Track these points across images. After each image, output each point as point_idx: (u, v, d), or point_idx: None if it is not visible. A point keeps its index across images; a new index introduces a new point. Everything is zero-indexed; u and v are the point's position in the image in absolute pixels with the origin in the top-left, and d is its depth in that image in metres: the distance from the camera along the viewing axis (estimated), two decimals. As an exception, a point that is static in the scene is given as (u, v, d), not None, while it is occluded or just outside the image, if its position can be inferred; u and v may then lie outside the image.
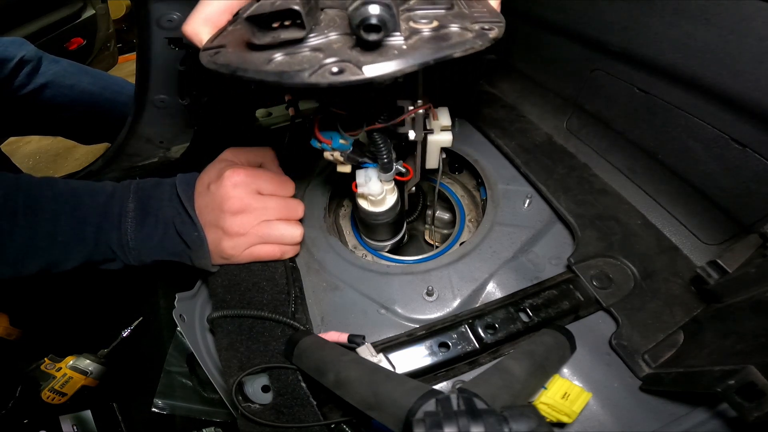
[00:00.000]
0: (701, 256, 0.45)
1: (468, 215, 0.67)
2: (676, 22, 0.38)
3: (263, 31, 0.27)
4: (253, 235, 0.47)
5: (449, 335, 0.42)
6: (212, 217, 0.47)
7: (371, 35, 0.25)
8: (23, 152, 2.26)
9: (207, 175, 0.49)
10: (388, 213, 0.50)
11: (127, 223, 0.47)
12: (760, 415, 0.27)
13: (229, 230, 0.46)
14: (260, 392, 0.41)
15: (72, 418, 0.88)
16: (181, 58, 0.80)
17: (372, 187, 0.46)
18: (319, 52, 0.27)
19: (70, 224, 0.46)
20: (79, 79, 1.12)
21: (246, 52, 0.28)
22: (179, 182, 0.49)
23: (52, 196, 0.46)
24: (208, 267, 0.49)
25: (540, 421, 0.22)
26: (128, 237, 0.47)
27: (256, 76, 0.26)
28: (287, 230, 0.49)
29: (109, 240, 0.47)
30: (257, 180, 0.48)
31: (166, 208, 0.48)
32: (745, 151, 0.38)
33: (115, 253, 0.48)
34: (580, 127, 0.58)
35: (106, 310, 1.11)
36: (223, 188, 0.46)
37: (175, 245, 0.48)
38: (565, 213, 0.51)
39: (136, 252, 0.48)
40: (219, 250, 0.47)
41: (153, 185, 0.50)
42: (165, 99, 0.98)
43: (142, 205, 0.48)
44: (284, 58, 0.27)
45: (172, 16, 0.72)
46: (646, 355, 0.39)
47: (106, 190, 0.48)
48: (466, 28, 0.28)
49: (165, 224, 0.48)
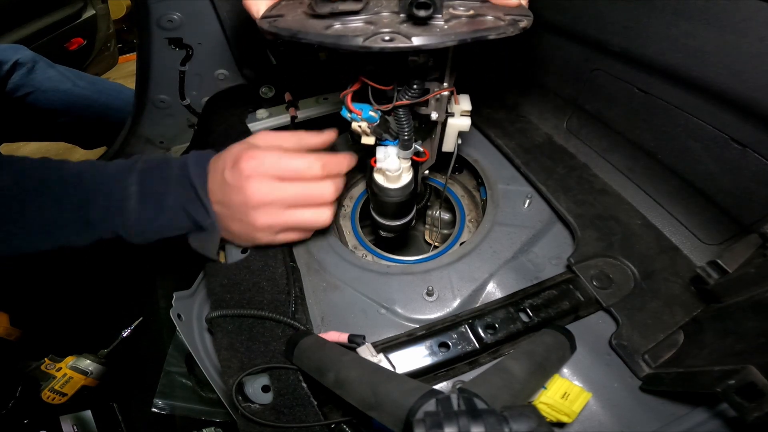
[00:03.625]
0: (701, 256, 0.45)
1: (468, 215, 0.67)
2: (676, 22, 0.38)
3: (324, 2, 0.31)
4: (278, 226, 0.46)
5: (449, 335, 0.42)
6: (232, 211, 0.46)
7: (421, 11, 0.29)
8: (23, 153, 2.26)
9: (222, 160, 0.46)
10: (402, 190, 0.51)
11: (129, 206, 0.46)
12: (760, 415, 0.27)
13: (254, 223, 0.45)
14: (260, 392, 0.41)
15: (72, 418, 0.88)
16: (182, 58, 0.80)
17: (391, 162, 0.47)
18: (370, 24, 0.31)
19: (76, 207, 0.45)
20: (75, 83, 1.12)
21: (306, 20, 0.32)
22: (192, 164, 0.47)
23: (58, 178, 0.46)
24: (213, 255, 0.49)
25: (540, 421, 0.22)
26: (131, 220, 0.46)
27: (315, 38, 0.30)
28: (312, 216, 0.47)
29: (112, 221, 0.46)
30: (276, 165, 0.45)
31: (174, 191, 0.46)
32: (745, 151, 0.38)
33: (120, 235, 0.47)
34: (580, 127, 0.58)
35: (106, 310, 1.11)
36: (239, 179, 0.44)
37: (182, 228, 0.48)
38: (565, 213, 0.51)
39: (140, 234, 0.47)
40: (243, 239, 0.49)
41: (158, 164, 0.48)
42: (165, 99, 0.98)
43: (145, 187, 0.46)
44: (340, 26, 0.31)
45: (172, 16, 0.72)
46: (646, 355, 0.39)
47: (109, 171, 0.47)
48: (499, 18, 0.32)
49: (172, 208, 0.46)
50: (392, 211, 0.56)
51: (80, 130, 1.18)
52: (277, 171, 0.45)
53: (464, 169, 0.71)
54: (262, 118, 0.70)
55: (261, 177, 0.44)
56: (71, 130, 1.17)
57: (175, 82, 0.87)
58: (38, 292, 1.08)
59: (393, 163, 0.48)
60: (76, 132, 1.19)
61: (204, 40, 0.76)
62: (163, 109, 1.00)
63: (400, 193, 0.52)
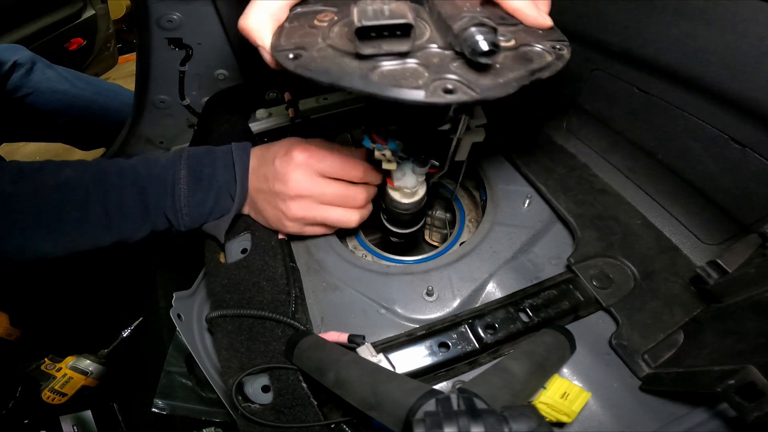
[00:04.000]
0: (701, 256, 0.45)
1: (468, 215, 0.67)
2: (676, 22, 0.38)
3: (367, 41, 0.26)
4: (309, 218, 0.49)
5: (449, 335, 0.42)
6: (270, 197, 0.48)
7: (485, 59, 0.25)
8: (23, 154, 2.26)
9: (273, 150, 0.48)
10: (417, 204, 0.52)
11: (181, 189, 0.48)
12: (760, 415, 0.27)
13: (287, 213, 0.48)
14: (260, 392, 0.41)
15: (72, 418, 0.88)
16: (182, 58, 0.80)
17: (408, 180, 0.49)
18: (419, 66, 0.26)
19: (134, 196, 0.47)
20: (73, 84, 1.12)
21: (340, 58, 0.27)
22: (236, 149, 0.50)
23: (116, 171, 0.48)
24: (221, 238, 0.51)
25: (540, 421, 0.22)
26: (182, 203, 0.48)
27: (365, 88, 0.25)
28: (343, 216, 0.50)
29: (165, 207, 0.48)
30: (322, 162, 0.47)
31: (220, 175, 0.49)
32: (745, 151, 0.38)
33: (169, 221, 0.50)
34: (580, 127, 0.58)
35: (106, 310, 1.11)
36: (287, 166, 0.46)
37: (227, 209, 0.50)
38: (565, 213, 0.51)
39: (189, 218, 0.49)
40: (273, 225, 0.51)
41: (204, 153, 0.51)
42: (165, 99, 0.98)
43: (194, 171, 0.49)
44: (389, 68, 0.26)
45: (172, 16, 0.72)
46: (646, 355, 0.39)
47: (160, 160, 0.50)
48: (544, 48, 0.29)
49: (218, 189, 0.49)
50: (405, 221, 0.57)
51: (78, 131, 1.18)
52: (322, 168, 0.47)
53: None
54: (262, 118, 0.70)
55: (306, 169, 0.46)
56: (69, 130, 1.17)
57: (175, 82, 0.86)
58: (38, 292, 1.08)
59: (410, 180, 0.49)
60: (74, 133, 1.19)
61: (204, 40, 0.76)
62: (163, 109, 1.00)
63: (416, 207, 0.53)
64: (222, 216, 0.51)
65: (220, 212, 0.51)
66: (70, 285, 1.09)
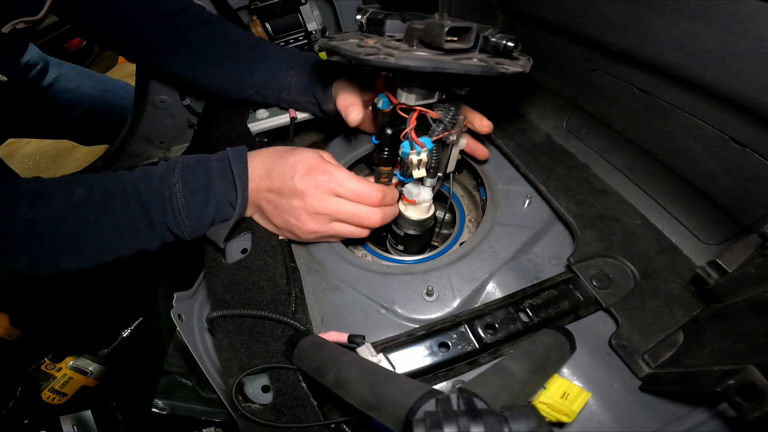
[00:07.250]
0: (701, 256, 0.45)
1: (468, 215, 0.67)
2: (676, 22, 0.38)
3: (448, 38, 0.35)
4: (323, 232, 0.50)
5: (449, 335, 0.42)
6: (284, 211, 0.49)
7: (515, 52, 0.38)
8: (23, 153, 2.26)
9: (291, 165, 0.49)
10: (432, 218, 0.56)
11: (179, 203, 0.48)
12: (760, 415, 0.27)
13: (303, 227, 0.49)
14: (260, 392, 0.41)
15: (72, 418, 0.88)
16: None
17: (423, 194, 0.53)
18: (475, 57, 0.37)
19: (139, 214, 0.48)
20: (82, 82, 1.13)
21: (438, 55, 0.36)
22: (232, 156, 0.50)
23: (120, 188, 0.48)
24: (221, 243, 0.51)
25: (540, 421, 0.22)
26: (182, 216, 0.49)
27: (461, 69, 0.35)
28: (353, 231, 0.52)
29: (167, 221, 0.49)
30: (342, 184, 0.48)
31: (217, 185, 0.49)
32: (744, 151, 0.38)
33: (173, 234, 0.50)
34: (580, 127, 0.58)
35: (106, 310, 1.11)
36: (308, 186, 0.47)
37: (227, 217, 0.51)
38: (565, 213, 0.51)
39: (192, 229, 0.50)
40: (283, 234, 0.53)
41: (197, 161, 0.51)
42: (165, 99, 0.98)
43: (188, 183, 0.49)
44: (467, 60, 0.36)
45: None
46: (646, 355, 0.39)
47: (156, 173, 0.50)
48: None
49: (217, 201, 0.50)
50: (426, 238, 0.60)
51: (86, 128, 1.18)
52: (340, 189, 0.48)
53: (464, 169, 0.71)
54: (262, 118, 0.70)
55: (325, 191, 0.48)
56: (77, 128, 1.17)
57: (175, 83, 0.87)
58: (38, 292, 1.08)
59: (426, 193, 0.52)
60: (81, 130, 1.19)
61: (204, 40, 0.76)
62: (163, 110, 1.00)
63: (431, 221, 0.56)
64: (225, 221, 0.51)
65: (222, 220, 0.51)
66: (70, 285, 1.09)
